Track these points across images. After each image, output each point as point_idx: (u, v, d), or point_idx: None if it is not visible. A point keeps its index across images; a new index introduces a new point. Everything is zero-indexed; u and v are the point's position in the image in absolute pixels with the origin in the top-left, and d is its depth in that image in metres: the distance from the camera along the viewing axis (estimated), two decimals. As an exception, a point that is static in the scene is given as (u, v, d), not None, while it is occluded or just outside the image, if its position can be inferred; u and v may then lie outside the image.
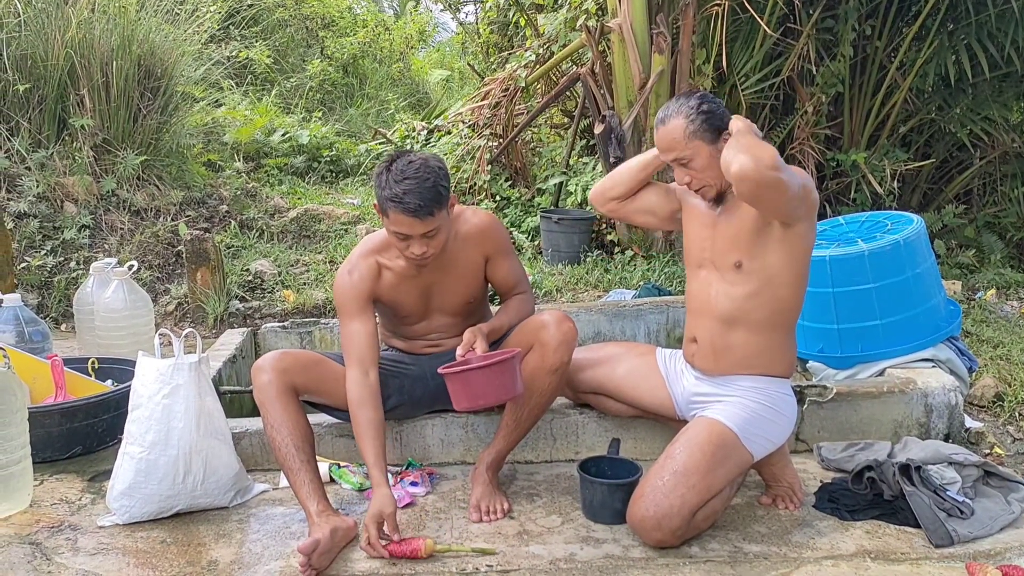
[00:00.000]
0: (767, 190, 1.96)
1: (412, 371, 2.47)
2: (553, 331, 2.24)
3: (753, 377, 2.19)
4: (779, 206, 2.03)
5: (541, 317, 2.31)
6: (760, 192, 1.96)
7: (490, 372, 2.08)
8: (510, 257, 2.43)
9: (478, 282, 2.42)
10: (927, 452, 2.33)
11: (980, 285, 4.73)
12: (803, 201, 2.05)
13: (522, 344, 2.29)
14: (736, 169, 1.93)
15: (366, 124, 8.37)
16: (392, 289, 2.34)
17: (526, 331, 2.32)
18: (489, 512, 2.24)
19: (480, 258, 2.38)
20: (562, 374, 2.30)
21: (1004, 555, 2.01)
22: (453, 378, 2.12)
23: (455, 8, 8.83)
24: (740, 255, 2.14)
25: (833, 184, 5.39)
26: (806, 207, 2.08)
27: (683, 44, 4.74)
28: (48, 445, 2.54)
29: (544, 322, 2.27)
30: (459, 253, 2.33)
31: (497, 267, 2.41)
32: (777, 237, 2.10)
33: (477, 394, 2.09)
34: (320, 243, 5.21)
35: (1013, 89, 5.31)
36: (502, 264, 2.41)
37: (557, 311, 2.33)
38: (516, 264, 2.46)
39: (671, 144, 2.13)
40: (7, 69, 4.77)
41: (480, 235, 2.35)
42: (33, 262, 4.37)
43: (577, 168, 5.66)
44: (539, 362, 2.26)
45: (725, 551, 2.06)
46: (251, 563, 2.03)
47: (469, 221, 2.35)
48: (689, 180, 2.16)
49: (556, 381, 2.30)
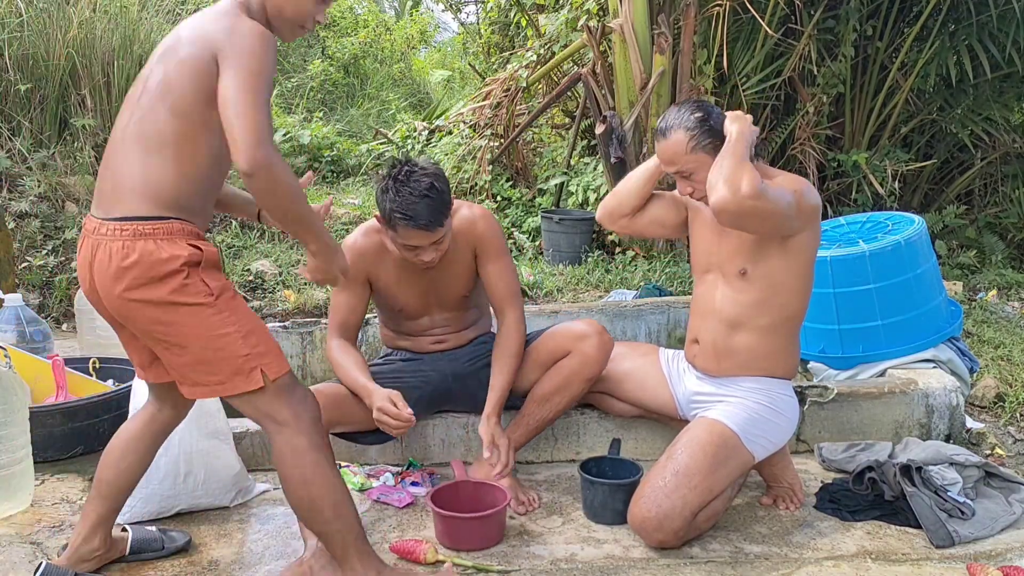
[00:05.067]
0: (747, 218, 1.99)
1: (430, 375, 2.47)
2: (595, 342, 2.32)
3: (755, 378, 2.19)
4: (765, 230, 2.07)
5: (578, 328, 2.35)
6: (741, 221, 2.01)
7: (477, 523, 2.09)
8: (501, 259, 2.36)
9: (470, 275, 2.40)
10: (928, 453, 2.33)
11: (981, 286, 4.73)
12: (796, 217, 2.05)
13: (556, 351, 2.35)
14: (714, 200, 1.96)
15: (367, 124, 8.37)
16: (392, 279, 2.37)
17: (561, 339, 2.36)
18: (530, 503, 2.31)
19: (469, 252, 2.36)
20: (593, 383, 2.39)
21: (1005, 556, 2.01)
22: (440, 519, 2.12)
23: (456, 8, 8.82)
24: (744, 262, 2.14)
25: (834, 184, 5.38)
26: (801, 220, 2.07)
27: (684, 44, 4.74)
28: (49, 445, 2.54)
29: (585, 333, 2.33)
30: (453, 248, 2.32)
31: (486, 267, 2.36)
32: (778, 246, 2.10)
33: (461, 539, 2.09)
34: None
35: (1014, 90, 5.31)
36: (491, 266, 2.35)
37: (593, 322, 2.38)
38: (506, 270, 2.37)
39: (673, 158, 2.13)
40: (9, 69, 4.77)
41: (470, 227, 2.34)
42: (34, 262, 4.37)
43: (578, 168, 5.66)
44: (577, 369, 2.33)
45: (726, 551, 2.06)
46: (252, 563, 2.03)
47: (463, 216, 2.35)
48: (691, 191, 2.16)
49: (587, 388, 2.39)
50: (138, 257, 1.62)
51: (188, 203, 1.68)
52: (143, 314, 1.65)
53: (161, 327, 1.66)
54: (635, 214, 2.37)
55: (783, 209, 2.00)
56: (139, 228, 1.63)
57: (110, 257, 1.63)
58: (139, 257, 1.62)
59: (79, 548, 1.90)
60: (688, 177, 2.13)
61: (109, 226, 1.65)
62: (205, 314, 1.65)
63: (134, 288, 1.63)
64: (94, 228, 1.68)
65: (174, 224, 1.65)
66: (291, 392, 1.73)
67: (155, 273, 1.62)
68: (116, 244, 1.63)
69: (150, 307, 1.64)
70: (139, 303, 1.64)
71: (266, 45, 1.62)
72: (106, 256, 1.64)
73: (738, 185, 1.93)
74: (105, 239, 1.65)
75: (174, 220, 1.65)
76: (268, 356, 1.70)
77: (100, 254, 1.65)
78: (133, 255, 1.62)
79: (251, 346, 1.68)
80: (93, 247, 1.67)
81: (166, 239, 1.63)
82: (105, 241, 1.64)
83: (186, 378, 1.72)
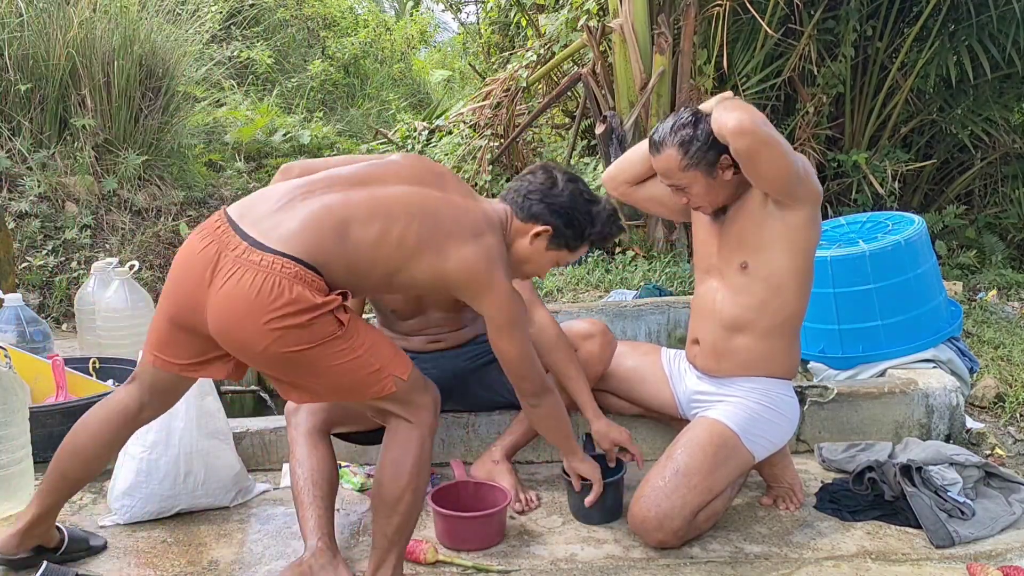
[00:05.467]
0: (764, 147, 1.93)
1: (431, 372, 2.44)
2: (599, 341, 2.34)
3: (755, 378, 2.19)
4: (778, 169, 1.98)
5: (582, 327, 2.35)
6: (758, 148, 1.93)
7: (477, 523, 2.09)
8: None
9: None
10: (928, 453, 2.33)
11: (981, 286, 4.73)
12: (803, 182, 2.02)
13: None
14: (734, 124, 1.90)
15: (367, 124, 8.37)
16: None
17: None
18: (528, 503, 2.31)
19: None
20: (596, 382, 2.38)
21: (1005, 556, 2.01)
22: (440, 519, 2.12)
23: (456, 8, 8.83)
24: (746, 254, 2.13)
25: (834, 185, 5.38)
26: (805, 189, 2.05)
27: (684, 44, 4.74)
28: (49, 445, 2.53)
29: (590, 332, 2.34)
30: None
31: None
32: (780, 231, 2.08)
33: (461, 539, 2.09)
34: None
35: (1014, 90, 5.32)
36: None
37: (597, 321, 2.38)
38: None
39: (666, 172, 2.11)
40: (9, 69, 4.77)
41: None
42: (34, 262, 4.37)
43: (578, 168, 5.66)
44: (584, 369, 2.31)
45: (726, 551, 2.06)
46: (252, 563, 2.04)
47: None
48: (686, 201, 2.15)
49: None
50: (294, 297, 1.60)
51: (339, 278, 1.69)
52: (279, 349, 1.63)
53: (294, 361, 1.66)
54: (634, 184, 2.35)
55: (794, 163, 1.98)
56: (300, 272, 1.62)
57: (259, 291, 1.59)
58: (295, 297, 1.60)
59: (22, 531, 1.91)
60: (682, 190, 2.13)
61: (261, 255, 1.61)
62: (337, 346, 1.66)
63: (277, 320, 1.60)
64: (236, 246, 1.63)
65: (323, 283, 1.65)
66: (415, 387, 1.79)
67: (302, 318, 1.61)
68: (271, 279, 1.60)
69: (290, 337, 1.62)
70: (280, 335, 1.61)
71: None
72: (252, 287, 1.60)
73: (755, 114, 1.92)
74: (252, 267, 1.61)
75: (321, 277, 1.65)
76: (395, 361, 1.75)
77: (242, 280, 1.60)
78: (288, 295, 1.60)
79: (380, 359, 1.73)
80: (227, 266, 1.62)
81: (318, 291, 1.63)
82: (251, 269, 1.61)
83: (313, 396, 1.82)
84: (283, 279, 1.59)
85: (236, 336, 1.64)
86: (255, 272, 1.60)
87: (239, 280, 1.60)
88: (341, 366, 1.68)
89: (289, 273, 1.60)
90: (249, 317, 1.60)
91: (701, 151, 2.03)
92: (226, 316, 1.63)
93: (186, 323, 1.72)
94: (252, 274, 1.60)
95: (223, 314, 1.63)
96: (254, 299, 1.59)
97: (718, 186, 2.08)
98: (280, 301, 1.59)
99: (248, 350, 1.66)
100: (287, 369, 1.70)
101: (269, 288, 1.59)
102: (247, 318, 1.60)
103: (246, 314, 1.60)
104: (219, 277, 1.62)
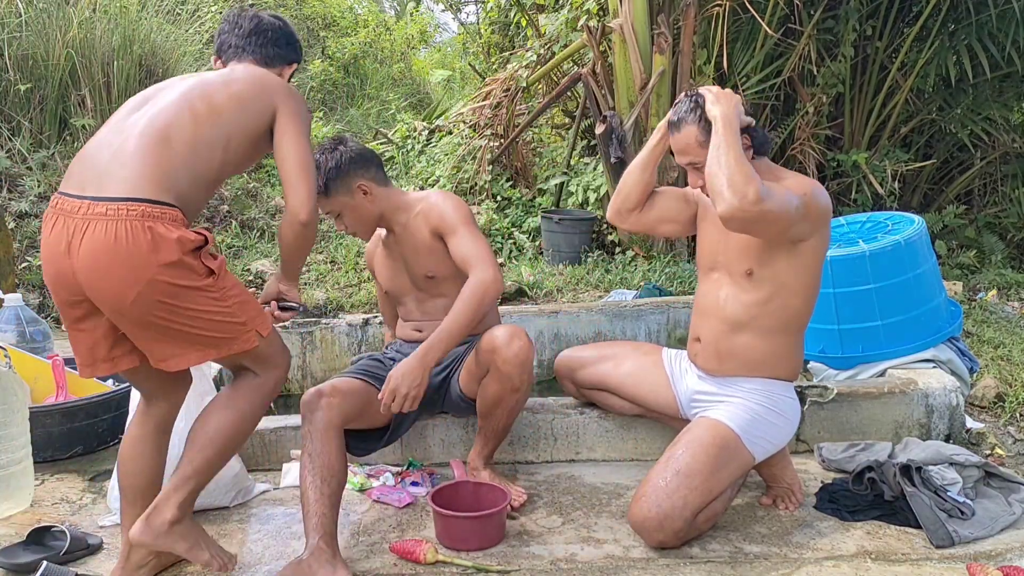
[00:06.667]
0: (755, 224, 1.98)
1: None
2: (506, 355, 2.21)
3: (756, 379, 2.19)
4: (773, 235, 2.05)
5: (492, 339, 2.24)
6: (748, 227, 2.00)
7: (477, 523, 2.09)
8: (457, 233, 2.33)
9: (434, 258, 2.41)
10: (928, 453, 2.33)
11: (981, 286, 4.73)
12: (804, 218, 2.03)
13: (482, 365, 2.29)
14: (721, 210, 1.95)
15: (367, 124, 8.37)
16: (378, 260, 2.62)
17: (481, 353, 2.29)
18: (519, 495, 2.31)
19: (429, 235, 2.39)
20: (527, 389, 2.31)
21: (1005, 556, 2.01)
22: (440, 519, 2.12)
23: (456, 8, 8.83)
24: (751, 263, 2.13)
25: (834, 184, 5.38)
26: (810, 223, 2.06)
27: (684, 44, 4.74)
28: (49, 445, 2.54)
29: (495, 346, 2.23)
30: (416, 230, 2.42)
31: (450, 243, 2.36)
32: (786, 248, 2.09)
33: (461, 539, 2.09)
34: (321, 243, 5.21)
35: (1014, 89, 5.32)
36: (450, 241, 2.35)
37: (510, 326, 2.27)
38: (467, 240, 2.32)
39: (685, 149, 2.13)
40: (8, 69, 4.77)
41: (428, 210, 2.40)
42: (34, 262, 4.37)
43: (578, 168, 5.66)
44: (500, 386, 2.25)
45: (726, 552, 2.06)
46: (252, 563, 2.04)
47: (427, 200, 2.44)
48: (703, 183, 2.15)
49: (522, 396, 2.31)
50: (150, 239, 1.62)
51: (190, 199, 1.74)
52: (150, 296, 1.65)
53: (164, 309, 1.67)
54: (643, 208, 2.35)
55: (791, 213, 1.99)
56: (147, 210, 1.64)
57: (115, 237, 1.61)
58: (152, 239, 1.62)
59: (129, 558, 1.88)
60: (700, 169, 2.12)
61: (106, 206, 1.63)
62: (208, 293, 1.71)
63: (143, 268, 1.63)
64: (76, 208, 1.65)
65: (177, 212, 1.69)
66: (274, 346, 1.90)
67: (168, 258, 1.64)
68: (122, 225, 1.62)
69: (160, 287, 1.64)
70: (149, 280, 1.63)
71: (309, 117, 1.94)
72: (107, 236, 1.62)
73: (744, 191, 1.91)
74: (102, 219, 1.62)
75: (177, 208, 1.69)
76: (259, 317, 1.84)
77: (95, 233, 1.62)
78: (145, 236, 1.62)
79: (247, 313, 1.79)
80: (77, 228, 1.64)
81: (172, 224, 1.66)
82: (101, 221, 1.62)
83: (178, 353, 1.75)
84: (133, 222, 1.62)
85: (106, 287, 1.65)
86: (104, 223, 1.62)
87: (92, 234, 1.63)
88: (210, 315, 1.72)
89: (136, 214, 1.62)
90: (113, 266, 1.62)
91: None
92: (92, 270, 1.64)
93: (75, 303, 1.73)
94: (103, 225, 1.62)
95: (89, 271, 1.65)
96: (112, 247, 1.61)
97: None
98: (138, 246, 1.62)
99: (120, 302, 1.65)
100: (156, 322, 1.69)
101: (124, 235, 1.61)
102: (112, 268, 1.63)
103: (110, 265, 1.63)
104: (75, 241, 1.64)
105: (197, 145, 1.74)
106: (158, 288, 1.64)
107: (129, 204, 1.63)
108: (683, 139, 2.12)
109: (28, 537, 2.06)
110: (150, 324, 1.70)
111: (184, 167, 1.72)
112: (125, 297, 1.64)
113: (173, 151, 1.71)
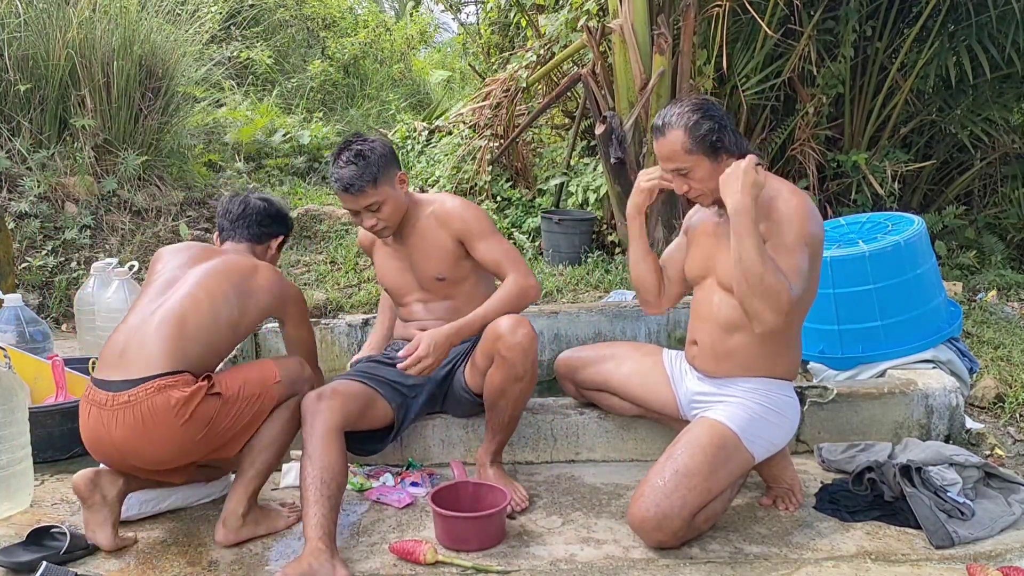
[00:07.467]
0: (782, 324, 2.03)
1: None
2: (510, 341, 2.23)
3: (754, 379, 2.19)
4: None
5: (497, 327, 2.26)
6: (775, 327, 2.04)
7: (477, 523, 2.09)
8: (486, 239, 2.41)
9: (448, 262, 2.45)
10: (928, 453, 2.33)
11: (981, 286, 4.73)
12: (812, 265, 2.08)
13: (487, 354, 2.31)
14: (760, 330, 2.03)
15: (367, 125, 8.37)
16: (380, 257, 2.60)
17: (485, 342, 2.30)
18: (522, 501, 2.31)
19: (449, 239, 2.42)
20: (531, 378, 2.32)
21: (1005, 556, 2.01)
22: (440, 519, 2.12)
23: (456, 9, 8.82)
24: None
25: (834, 185, 5.38)
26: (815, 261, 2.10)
27: (684, 45, 4.73)
28: (49, 445, 2.54)
29: (499, 333, 2.24)
30: (428, 231, 2.44)
31: (474, 250, 2.43)
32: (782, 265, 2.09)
33: (461, 539, 2.09)
34: (321, 243, 5.21)
35: (1014, 90, 5.31)
36: (477, 246, 2.41)
37: (515, 316, 2.28)
38: (494, 245, 2.41)
39: (670, 155, 2.12)
40: (8, 69, 4.77)
41: (447, 216, 2.42)
42: (34, 262, 4.37)
43: (578, 169, 5.66)
44: (504, 374, 2.26)
45: (725, 552, 2.06)
46: (252, 563, 2.04)
47: (442, 204, 2.46)
48: (687, 189, 2.16)
49: (526, 386, 2.31)
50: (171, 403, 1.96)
51: (202, 364, 2.08)
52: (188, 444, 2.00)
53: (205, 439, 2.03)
54: (666, 287, 2.42)
55: (807, 280, 2.04)
56: (162, 383, 1.97)
57: (142, 420, 1.95)
58: (170, 403, 1.96)
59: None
60: (685, 175, 2.13)
61: (128, 394, 1.97)
62: (226, 409, 2.05)
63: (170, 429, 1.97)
64: (105, 401, 1.98)
65: (188, 376, 2.02)
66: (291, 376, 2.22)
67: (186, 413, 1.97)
68: (144, 405, 1.96)
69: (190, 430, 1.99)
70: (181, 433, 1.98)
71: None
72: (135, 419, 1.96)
73: (778, 304, 1.97)
74: (126, 407, 1.97)
75: (188, 372, 2.02)
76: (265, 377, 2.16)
77: (124, 420, 1.96)
78: (166, 404, 1.96)
79: (256, 387, 2.12)
80: (108, 419, 1.98)
81: (185, 386, 1.99)
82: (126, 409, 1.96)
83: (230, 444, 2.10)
84: (153, 398, 1.95)
85: (149, 453, 2.00)
86: (129, 409, 1.96)
87: (123, 421, 1.96)
88: (240, 415, 2.07)
89: (153, 389, 1.96)
90: (147, 439, 1.97)
91: (706, 137, 2.07)
92: (133, 449, 1.98)
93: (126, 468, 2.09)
94: (128, 411, 1.96)
95: (132, 450, 1.99)
96: (141, 429, 1.95)
97: (721, 172, 2.09)
98: (162, 414, 1.94)
99: (171, 460, 2.03)
100: (204, 446, 2.04)
101: (148, 412, 1.95)
102: (147, 440, 1.97)
103: (142, 439, 1.96)
104: (111, 429, 1.98)
105: (210, 327, 2.10)
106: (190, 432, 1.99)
107: (146, 385, 1.96)
108: (668, 144, 2.11)
109: (28, 537, 2.06)
110: (203, 450, 2.06)
111: (195, 343, 2.06)
112: (172, 453, 2.01)
113: (187, 332, 2.05)
